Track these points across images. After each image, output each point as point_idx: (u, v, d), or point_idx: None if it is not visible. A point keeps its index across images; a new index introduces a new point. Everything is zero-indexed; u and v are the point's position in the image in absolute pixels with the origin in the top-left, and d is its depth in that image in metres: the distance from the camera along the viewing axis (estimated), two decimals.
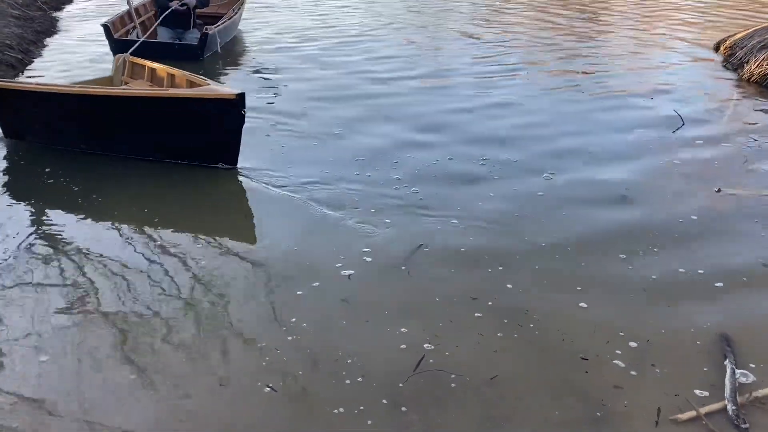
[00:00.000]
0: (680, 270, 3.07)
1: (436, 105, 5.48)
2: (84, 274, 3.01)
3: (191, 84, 4.54)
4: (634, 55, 7.37)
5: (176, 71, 4.92)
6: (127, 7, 7.15)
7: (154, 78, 5.22)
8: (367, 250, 3.20)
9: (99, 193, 3.89)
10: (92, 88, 4.58)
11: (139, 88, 4.92)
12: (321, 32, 8.27)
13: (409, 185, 3.92)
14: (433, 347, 2.53)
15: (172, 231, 3.46)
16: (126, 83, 5.36)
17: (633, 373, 2.41)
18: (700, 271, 3.06)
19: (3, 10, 8.67)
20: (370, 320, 2.69)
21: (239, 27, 8.41)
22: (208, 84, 4.27)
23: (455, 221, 3.49)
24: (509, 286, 2.93)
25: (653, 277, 3.01)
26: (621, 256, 3.17)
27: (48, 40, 8.13)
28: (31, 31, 8.18)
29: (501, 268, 3.06)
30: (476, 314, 2.74)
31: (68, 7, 10.81)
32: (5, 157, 4.45)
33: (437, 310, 2.76)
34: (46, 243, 3.31)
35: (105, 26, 6.68)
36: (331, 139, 4.71)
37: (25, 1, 9.97)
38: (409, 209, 3.64)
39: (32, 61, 6.94)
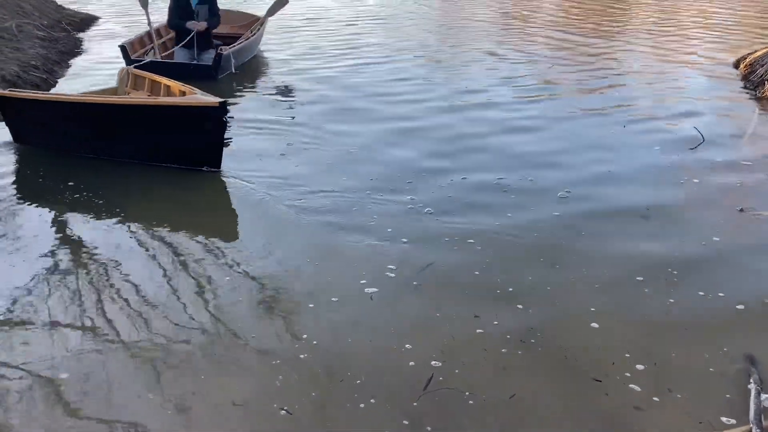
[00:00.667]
0: (700, 292, 3.01)
1: (452, 125, 5.47)
2: (94, 286, 3.03)
3: (182, 94, 4.79)
4: (653, 72, 7.33)
5: (173, 83, 5.16)
6: (148, 28, 7.27)
7: (153, 89, 5.49)
8: (377, 266, 3.19)
9: (106, 198, 4.03)
10: (90, 96, 4.94)
11: (133, 97, 5.22)
12: (341, 53, 8.30)
13: (424, 204, 3.90)
14: (441, 365, 2.49)
15: (184, 241, 3.48)
16: (128, 94, 5.61)
17: (653, 396, 2.36)
18: (720, 294, 2.99)
19: (29, 32, 8.87)
20: (379, 337, 2.67)
21: (259, 47, 8.51)
22: (196, 94, 4.53)
23: (468, 240, 3.46)
24: (519, 306, 2.90)
25: (671, 300, 2.95)
26: (638, 278, 3.11)
27: (71, 61, 8.29)
28: (55, 52, 8.36)
29: (511, 289, 3.02)
30: (485, 332, 2.70)
31: (92, 28, 11.05)
32: (16, 162, 4.73)
33: (448, 328, 2.73)
34: (54, 251, 3.34)
35: (122, 47, 6.88)
36: (345, 159, 4.70)
37: (50, 23, 10.22)
38: (422, 228, 3.62)
39: (56, 81, 7.07)
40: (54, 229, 3.70)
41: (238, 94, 6.64)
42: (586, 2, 13.93)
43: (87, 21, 11.59)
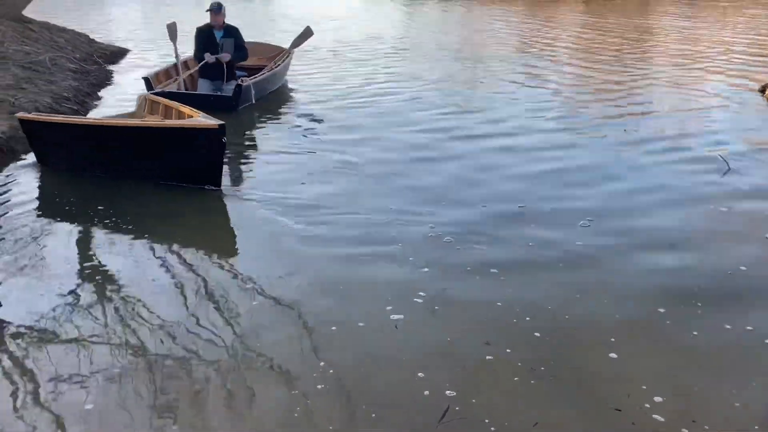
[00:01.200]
0: (726, 325, 2.92)
1: (473, 154, 5.48)
2: (115, 308, 3.06)
3: (189, 117, 5.00)
4: (676, 100, 7.28)
5: (184, 108, 5.36)
6: (174, 60, 7.46)
7: (166, 114, 5.71)
8: (397, 293, 3.18)
9: (119, 217, 4.21)
10: (102, 120, 5.31)
11: (139, 120, 5.44)
12: (364, 83, 8.42)
13: (445, 232, 3.88)
14: (455, 394, 2.45)
15: (203, 264, 3.51)
16: (144, 118, 5.80)
17: (680, 428, 2.28)
18: (748, 328, 2.91)
19: (62, 65, 9.16)
20: (398, 365, 2.64)
21: (285, 78, 8.64)
22: (199, 117, 4.77)
23: (491, 269, 3.43)
24: (537, 334, 2.86)
25: (695, 332, 2.88)
26: (660, 309, 3.04)
27: (102, 92, 8.53)
28: (86, 84, 8.61)
29: (528, 318, 2.98)
30: (504, 360, 2.66)
31: (122, 61, 11.38)
32: (38, 182, 5.01)
33: (467, 356, 2.70)
34: (73, 272, 3.39)
35: (146, 78, 7.12)
36: (366, 185, 4.73)
37: (82, 56, 10.54)
38: (444, 255, 3.60)
39: (87, 112, 7.27)
40: (72, 249, 3.79)
41: (259, 124, 6.76)
42: (605, 33, 13.97)
43: (118, 54, 11.95)
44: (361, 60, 10.53)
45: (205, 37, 7.21)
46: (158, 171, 4.74)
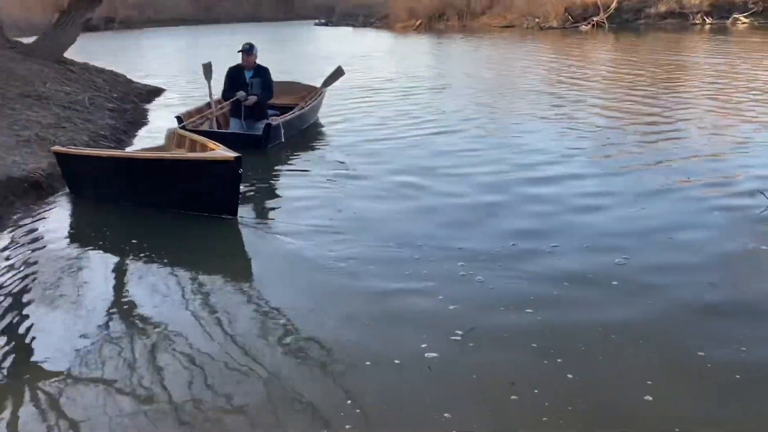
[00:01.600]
0: None
1: (502, 191, 5.42)
2: (142, 341, 3.07)
3: (210, 150, 5.21)
4: (714, 134, 7.15)
5: (208, 142, 5.57)
6: (209, 99, 7.64)
7: (192, 147, 5.92)
8: (425, 328, 3.13)
9: (144, 248, 4.35)
10: (128, 153, 5.71)
11: (162, 153, 5.77)
12: (396, 123, 8.38)
13: (476, 271, 3.82)
14: None
15: (232, 297, 3.51)
16: (171, 152, 6.03)
17: None
18: None
19: (100, 104, 9.45)
20: (426, 405, 2.58)
21: (318, 116, 8.74)
22: (219, 150, 5.00)
23: (526, 309, 3.35)
24: (570, 376, 2.77)
25: (737, 376, 2.75)
26: (699, 353, 2.92)
27: (138, 130, 8.76)
28: (123, 122, 8.87)
29: (560, 360, 2.89)
30: (535, 401, 2.57)
31: (157, 100, 11.71)
32: (71, 215, 5.31)
33: (501, 396, 2.62)
34: (102, 303, 3.42)
35: (178, 117, 7.32)
36: (395, 223, 4.70)
37: (119, 95, 10.87)
38: (474, 294, 3.55)
39: (123, 149, 7.44)
40: (100, 281, 3.86)
41: (289, 160, 6.81)
42: (636, 68, 13.93)
43: (153, 93, 12.32)
44: (391, 98, 10.64)
45: (234, 77, 7.37)
46: (179, 201, 4.94)
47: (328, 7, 68.22)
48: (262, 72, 7.42)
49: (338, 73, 8.98)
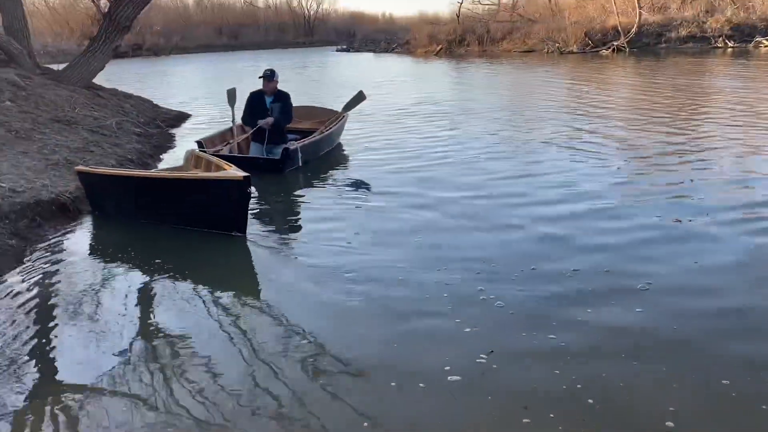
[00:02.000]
0: None
1: (529, 218, 5.38)
2: (165, 362, 3.11)
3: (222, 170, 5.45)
4: (738, 156, 7.06)
5: (222, 162, 5.76)
6: (231, 124, 7.77)
7: (207, 168, 6.10)
8: (440, 351, 3.12)
9: (161, 267, 4.48)
10: (145, 172, 6.01)
11: (178, 172, 5.99)
12: (418, 148, 8.40)
13: (496, 296, 3.81)
14: None
15: (254, 318, 3.53)
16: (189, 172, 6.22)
17: None
18: None
19: (127, 129, 9.66)
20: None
21: (340, 140, 8.83)
22: (230, 169, 5.22)
23: (549, 335, 3.34)
24: (590, 401, 2.74)
25: (763, 405, 2.68)
26: (724, 381, 2.87)
27: (163, 155, 8.92)
28: (149, 146, 9.04)
29: (580, 386, 2.86)
30: (549, 427, 2.56)
31: (183, 125, 11.93)
32: (94, 232, 5.53)
33: (511, 420, 2.61)
34: (124, 321, 3.48)
35: (199, 142, 7.45)
36: (413, 249, 4.70)
37: (146, 120, 11.09)
38: (488, 312, 3.55)
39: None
40: (120, 300, 3.91)
41: (310, 184, 6.85)
42: (658, 93, 13.88)
43: (179, 118, 12.56)
44: (413, 122, 10.69)
45: (255, 102, 7.49)
46: (192, 218, 5.17)
47: (349, 33, 69.26)
48: (282, 97, 7.54)
49: (360, 97, 9.06)
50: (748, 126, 8.99)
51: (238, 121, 7.77)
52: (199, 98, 16.78)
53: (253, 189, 4.96)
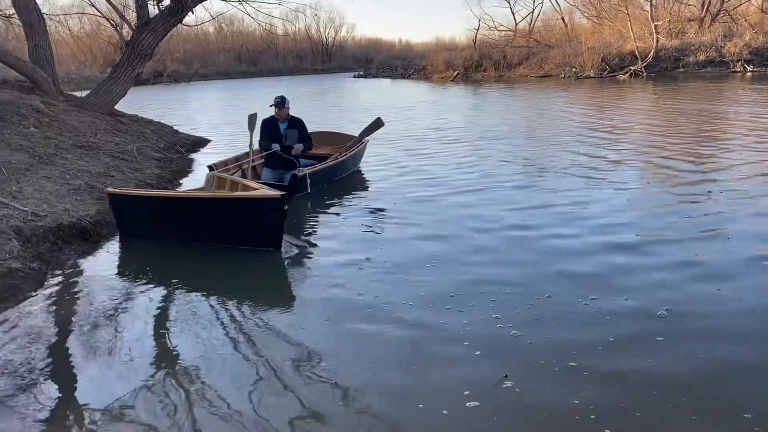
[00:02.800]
0: None
1: (536, 245, 5.38)
2: (182, 392, 3.11)
3: (254, 190, 5.69)
4: (760, 184, 6.98)
5: (248, 182, 6.02)
6: (248, 149, 7.85)
7: (232, 188, 6.30)
8: (458, 378, 3.09)
9: (189, 288, 4.51)
10: (176, 192, 6.20)
11: (213, 192, 6.17)
12: (439, 174, 8.39)
13: (513, 324, 3.77)
14: None
15: (269, 336, 3.53)
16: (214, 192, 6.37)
17: None
18: None
19: (147, 154, 9.80)
20: None
21: (358, 165, 8.85)
22: (264, 189, 5.53)
23: (569, 363, 3.29)
24: (607, 430, 2.69)
25: None
26: (746, 414, 2.79)
27: (183, 179, 9.02)
28: (169, 171, 9.15)
29: (594, 416, 2.81)
30: None
31: (202, 150, 12.08)
32: (115, 255, 5.57)
33: None
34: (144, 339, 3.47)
35: (210, 166, 7.55)
36: (424, 275, 4.68)
37: (166, 146, 11.25)
38: (504, 341, 3.52)
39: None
40: (144, 325, 3.91)
41: (307, 211, 6.75)
42: (678, 118, 13.81)
43: (199, 143, 12.73)
44: (431, 149, 10.70)
45: (269, 129, 7.58)
46: (226, 236, 5.36)
47: (366, 59, 70.16)
48: (296, 123, 7.60)
49: (377, 124, 9.09)
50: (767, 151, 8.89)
51: (256, 146, 7.85)
52: (219, 124, 17.02)
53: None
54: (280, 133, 7.48)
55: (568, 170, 8.25)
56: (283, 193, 5.12)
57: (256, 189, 5.59)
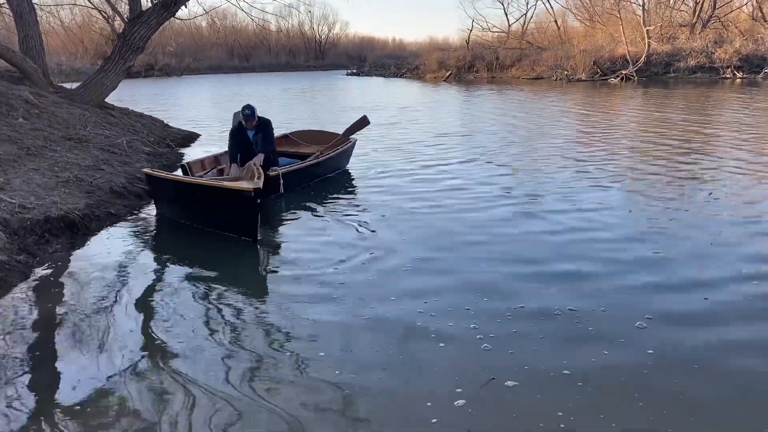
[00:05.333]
0: None
1: (518, 252, 5.40)
2: (166, 380, 3.12)
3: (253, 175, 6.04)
4: (748, 193, 7.03)
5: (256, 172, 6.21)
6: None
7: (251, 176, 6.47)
8: (450, 372, 3.11)
9: (174, 278, 4.52)
10: (182, 177, 6.81)
11: (206, 179, 6.46)
12: (428, 174, 8.41)
13: (485, 335, 3.80)
14: None
15: (255, 328, 3.55)
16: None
17: None
18: None
19: (137, 148, 9.74)
20: None
21: (347, 166, 8.76)
22: (245, 181, 5.73)
23: (564, 372, 3.32)
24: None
25: None
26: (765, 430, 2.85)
27: (173, 174, 8.95)
28: (158, 165, 9.10)
29: (573, 417, 2.84)
30: None
31: (192, 144, 12.03)
32: (101, 249, 5.54)
33: None
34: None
35: (182, 166, 7.56)
36: (406, 277, 4.70)
37: (156, 140, 11.20)
38: (485, 362, 3.51)
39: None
40: (124, 312, 3.89)
41: (278, 214, 6.65)
42: (668, 125, 13.91)
43: (188, 138, 12.67)
44: (421, 149, 10.72)
45: (238, 137, 7.39)
46: (217, 222, 5.73)
47: (359, 58, 70.11)
48: (262, 127, 7.40)
49: (363, 122, 8.96)
50: (757, 158, 8.98)
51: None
52: (209, 118, 16.94)
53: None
54: (250, 141, 7.30)
55: (559, 174, 8.29)
56: (257, 187, 5.27)
57: (254, 176, 5.90)
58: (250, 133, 7.35)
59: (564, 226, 5.86)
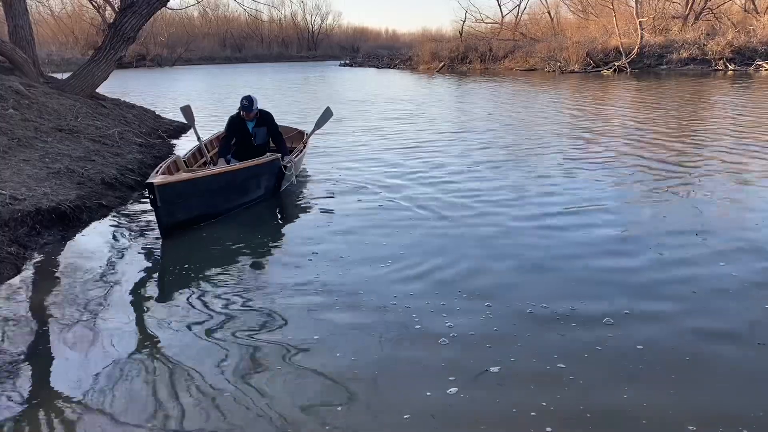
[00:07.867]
0: None
1: (522, 245, 5.42)
2: (161, 372, 3.13)
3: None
4: (738, 188, 7.07)
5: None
6: (198, 143, 7.79)
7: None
8: (444, 363, 3.13)
9: (164, 270, 4.22)
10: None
11: (232, 165, 6.49)
12: (416, 164, 8.46)
13: (459, 336, 3.82)
14: None
15: (247, 323, 3.55)
16: None
17: None
18: None
19: (129, 139, 9.70)
20: None
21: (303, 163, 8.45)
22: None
23: (554, 364, 3.35)
24: (588, 415, 2.74)
25: None
26: None
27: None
28: (150, 157, 9.06)
29: (571, 416, 2.87)
30: None
31: (183, 135, 11.97)
32: (92, 242, 5.19)
33: None
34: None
35: (183, 161, 7.24)
36: (382, 275, 4.72)
37: (148, 131, 11.14)
38: (458, 361, 3.52)
39: None
40: (116, 305, 3.90)
41: (298, 200, 6.82)
42: (661, 117, 13.94)
43: (180, 129, 12.60)
44: (411, 139, 10.72)
45: (237, 128, 7.15)
46: (247, 199, 6.25)
47: (352, 48, 69.81)
48: (265, 120, 7.21)
49: (327, 114, 8.67)
50: (748, 149, 9.03)
51: (204, 137, 7.80)
52: (201, 109, 16.85)
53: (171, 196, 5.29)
54: (249, 132, 7.14)
55: (550, 166, 8.31)
56: (149, 182, 5.22)
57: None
58: (250, 125, 7.16)
59: (555, 219, 5.88)
